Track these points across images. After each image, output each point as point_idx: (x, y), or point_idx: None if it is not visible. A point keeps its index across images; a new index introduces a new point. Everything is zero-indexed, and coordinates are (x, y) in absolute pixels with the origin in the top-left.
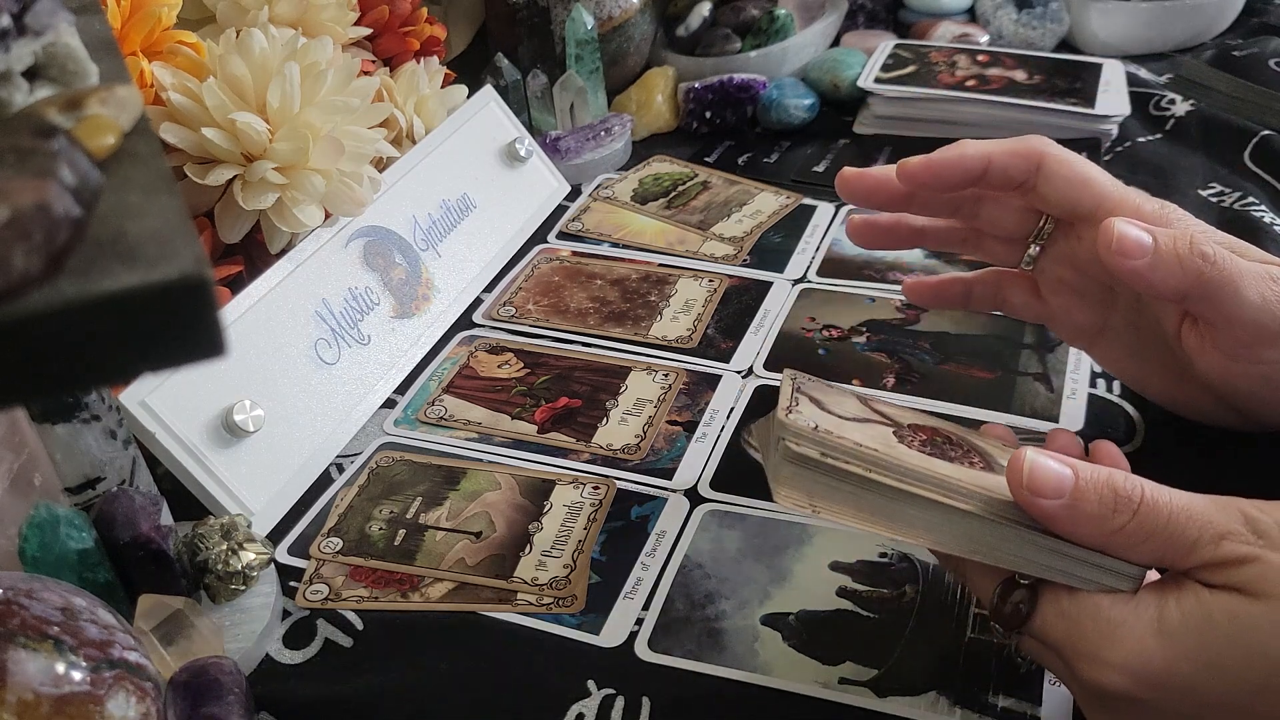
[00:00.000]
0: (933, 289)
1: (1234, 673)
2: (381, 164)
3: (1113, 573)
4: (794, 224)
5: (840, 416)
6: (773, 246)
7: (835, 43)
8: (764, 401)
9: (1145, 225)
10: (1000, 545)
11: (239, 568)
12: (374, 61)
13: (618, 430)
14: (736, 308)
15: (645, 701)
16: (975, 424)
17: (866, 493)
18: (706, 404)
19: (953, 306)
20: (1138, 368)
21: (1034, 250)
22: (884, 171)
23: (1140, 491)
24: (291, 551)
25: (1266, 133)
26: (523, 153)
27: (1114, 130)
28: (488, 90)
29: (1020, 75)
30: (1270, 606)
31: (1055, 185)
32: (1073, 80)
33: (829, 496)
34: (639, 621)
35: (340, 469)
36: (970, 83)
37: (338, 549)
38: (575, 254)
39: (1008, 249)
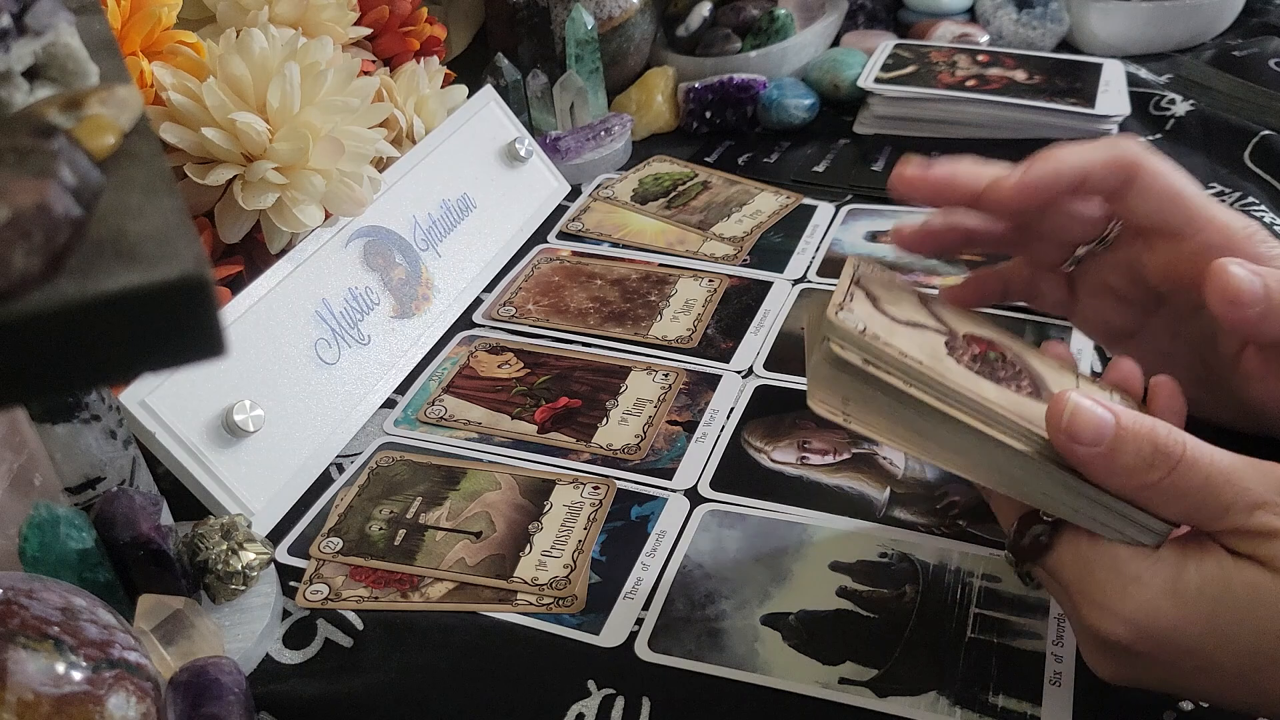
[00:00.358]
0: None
1: (1244, 643)
2: (381, 164)
3: (1140, 526)
4: (794, 224)
5: (893, 319)
6: (773, 246)
7: (835, 43)
8: (764, 402)
9: (1255, 269)
10: (1030, 482)
11: (239, 568)
12: (374, 61)
13: (618, 430)
14: (736, 308)
15: (645, 701)
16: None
17: (903, 407)
18: (706, 404)
19: (988, 304)
20: (1164, 369)
21: (1082, 252)
22: (948, 170)
23: (1181, 448)
24: (291, 551)
25: (1266, 133)
26: (523, 153)
27: (1114, 130)
28: (488, 90)
29: (1020, 75)
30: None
31: (1148, 199)
32: (1073, 80)
33: (864, 405)
34: (639, 621)
35: (340, 469)
36: (970, 83)
37: (338, 549)
38: (575, 254)
39: (1055, 249)
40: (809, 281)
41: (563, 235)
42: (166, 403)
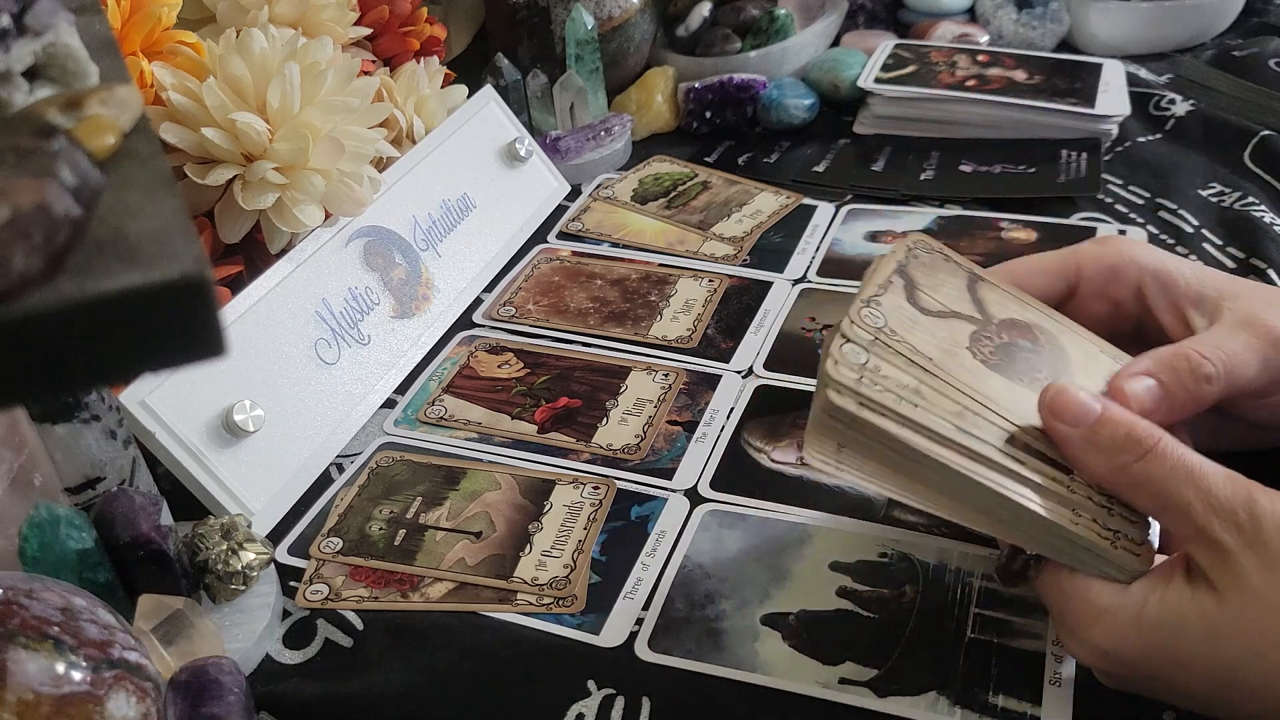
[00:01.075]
0: None
1: (1202, 670)
2: (381, 164)
3: (1114, 565)
4: (794, 224)
5: (923, 309)
6: (773, 246)
7: (835, 43)
8: (764, 401)
9: (1148, 371)
10: (1017, 524)
11: (239, 568)
12: (374, 61)
13: (618, 430)
14: (736, 308)
15: (645, 702)
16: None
17: (895, 454)
18: (706, 404)
19: None
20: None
21: None
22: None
23: (1155, 440)
24: (291, 551)
25: (1266, 133)
26: (523, 153)
27: (1114, 130)
28: (488, 90)
29: (1020, 75)
30: (1232, 611)
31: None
32: (1073, 80)
33: (857, 452)
34: (639, 621)
35: (340, 469)
36: (970, 83)
37: (338, 549)
38: (575, 254)
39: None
40: (809, 281)
41: (563, 235)
42: (166, 403)
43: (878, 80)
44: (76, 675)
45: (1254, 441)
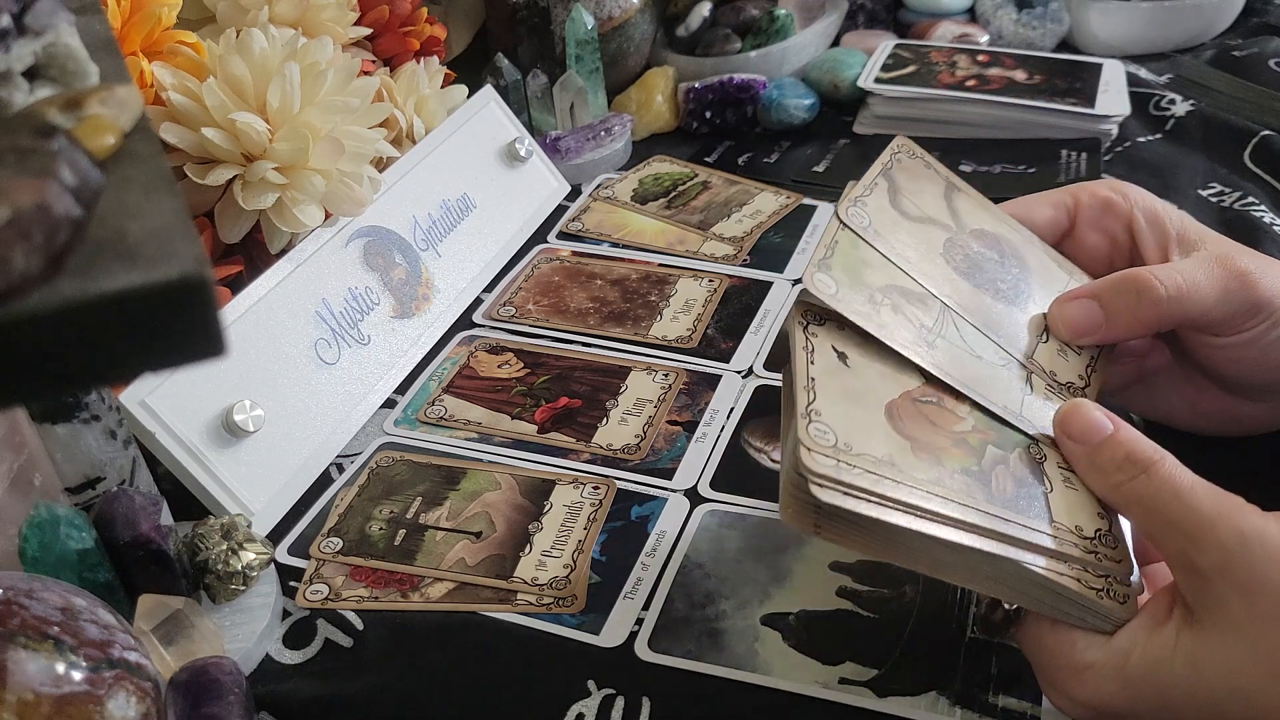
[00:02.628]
0: None
1: (1190, 713)
2: (381, 164)
3: (1097, 615)
4: (794, 224)
5: (904, 213)
6: (773, 246)
7: (835, 43)
8: (764, 402)
9: (1091, 290)
10: (999, 578)
11: (239, 568)
12: (374, 61)
13: (618, 430)
14: (736, 308)
15: (645, 702)
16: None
17: (876, 531)
18: (706, 404)
19: None
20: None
21: None
22: None
23: (1150, 462)
24: (291, 551)
25: (1266, 133)
26: (523, 153)
27: (1114, 130)
28: (488, 90)
29: (1020, 75)
30: (1214, 646)
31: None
32: (1073, 80)
33: (838, 521)
34: (639, 621)
35: (340, 469)
36: (970, 83)
37: (338, 549)
38: (575, 254)
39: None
40: None
41: (563, 235)
42: (166, 403)
43: (878, 80)
44: (76, 675)
45: (1233, 413)
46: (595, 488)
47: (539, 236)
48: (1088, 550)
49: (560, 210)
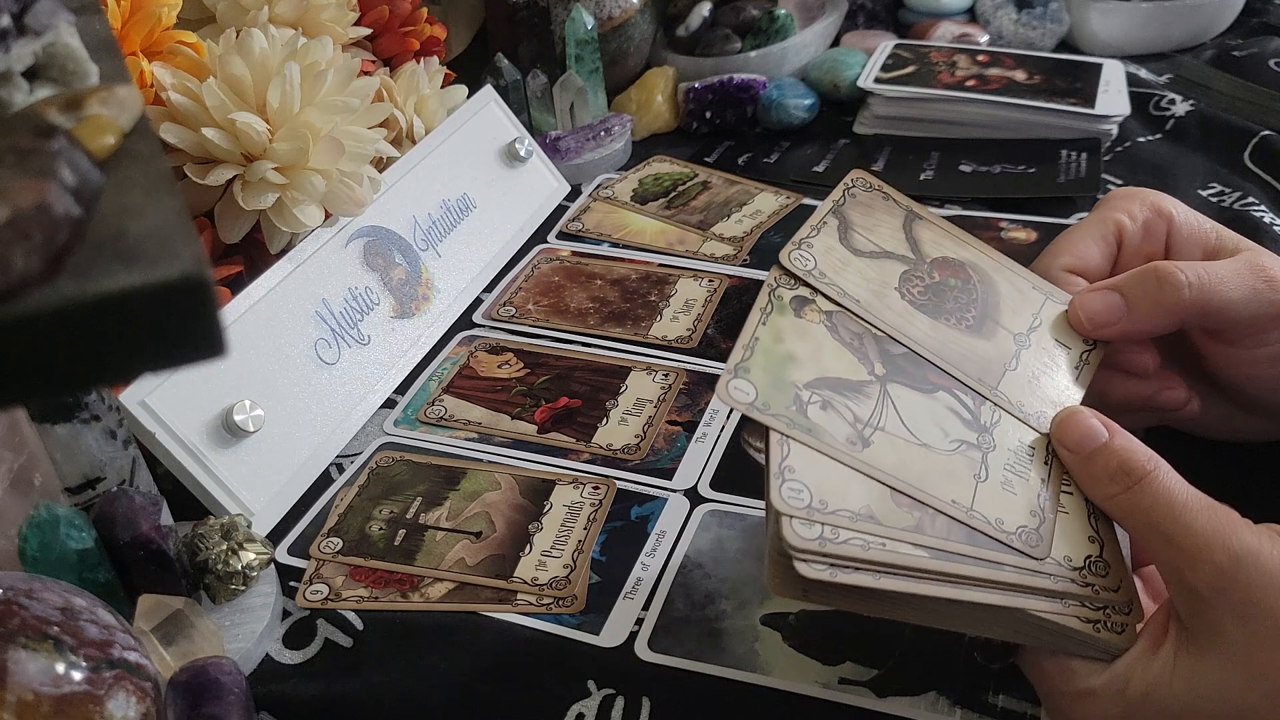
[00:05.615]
0: None
1: None
2: (381, 164)
3: (1094, 647)
4: (794, 224)
5: (855, 250)
6: (773, 247)
7: (835, 43)
8: None
9: (1111, 284)
10: (994, 621)
11: (239, 568)
12: (374, 61)
13: (618, 430)
14: (736, 308)
15: (645, 701)
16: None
17: (865, 595)
18: (706, 404)
19: None
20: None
21: None
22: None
23: (1144, 473)
24: (291, 551)
25: (1266, 133)
26: (523, 153)
27: (1114, 130)
28: (488, 90)
29: (1020, 75)
30: (1211, 668)
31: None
32: (1073, 80)
33: (824, 592)
34: (639, 621)
35: (340, 469)
36: (970, 83)
37: (338, 549)
38: (575, 254)
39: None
40: None
41: (563, 235)
42: (166, 403)
43: (878, 80)
44: (76, 675)
45: (1234, 425)
46: (595, 488)
47: (539, 236)
48: (1082, 583)
49: (560, 210)
